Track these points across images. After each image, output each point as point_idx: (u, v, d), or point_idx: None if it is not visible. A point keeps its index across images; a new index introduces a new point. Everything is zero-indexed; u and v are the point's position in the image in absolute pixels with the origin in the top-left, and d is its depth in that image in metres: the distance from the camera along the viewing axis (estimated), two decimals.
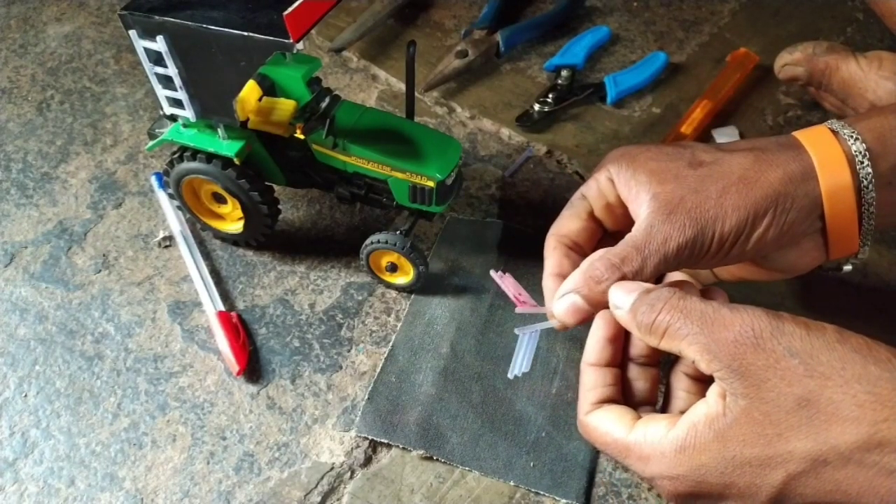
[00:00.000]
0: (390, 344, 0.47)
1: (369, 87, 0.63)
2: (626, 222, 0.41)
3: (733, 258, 0.39)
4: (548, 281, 0.42)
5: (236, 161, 0.44)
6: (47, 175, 0.56)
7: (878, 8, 0.68)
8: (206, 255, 0.51)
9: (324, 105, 0.45)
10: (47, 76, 0.63)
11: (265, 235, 0.50)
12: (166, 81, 0.42)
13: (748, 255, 0.39)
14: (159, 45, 0.39)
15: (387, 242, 0.46)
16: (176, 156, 0.46)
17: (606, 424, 0.37)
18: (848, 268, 0.42)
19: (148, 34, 0.40)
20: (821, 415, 0.31)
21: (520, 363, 0.41)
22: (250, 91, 0.43)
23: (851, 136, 0.38)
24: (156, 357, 0.46)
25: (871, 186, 0.38)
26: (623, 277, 0.37)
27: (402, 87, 0.63)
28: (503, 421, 0.43)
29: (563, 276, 0.40)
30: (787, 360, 0.31)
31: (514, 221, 0.53)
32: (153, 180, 0.55)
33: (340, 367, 0.46)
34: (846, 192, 0.38)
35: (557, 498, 0.41)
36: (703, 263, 0.39)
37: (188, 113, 0.43)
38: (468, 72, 0.64)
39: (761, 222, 0.38)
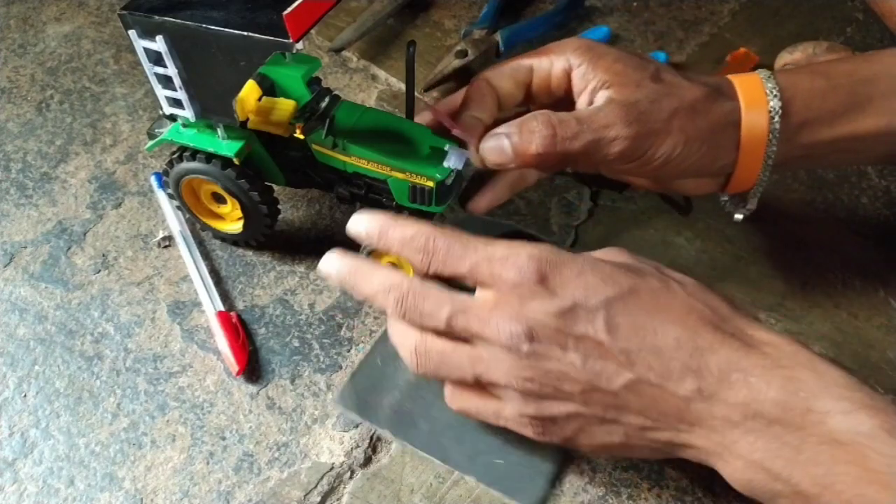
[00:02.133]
0: (383, 328, 0.47)
1: (369, 87, 0.63)
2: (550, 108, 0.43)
3: (647, 171, 0.42)
4: (471, 119, 0.43)
5: (236, 161, 0.44)
6: (47, 175, 0.56)
7: (878, 8, 0.68)
8: (206, 255, 0.51)
9: (323, 105, 0.45)
10: (47, 76, 0.63)
11: (265, 235, 0.50)
12: (166, 81, 0.42)
13: (661, 172, 0.42)
14: (159, 45, 0.39)
15: None
16: (175, 156, 0.46)
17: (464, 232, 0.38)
18: (738, 217, 0.47)
19: (147, 34, 0.39)
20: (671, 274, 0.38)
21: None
22: (250, 91, 0.43)
23: (772, 92, 0.41)
24: (155, 357, 0.46)
25: (774, 141, 0.42)
26: (553, 138, 0.39)
27: (402, 86, 0.63)
28: None
29: (483, 119, 0.43)
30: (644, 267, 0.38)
31: (513, 221, 0.53)
32: (153, 180, 0.55)
33: (340, 367, 0.46)
34: (759, 143, 0.42)
35: (512, 502, 0.41)
36: (616, 164, 0.41)
37: (188, 113, 0.43)
38: (468, 71, 0.64)
39: (691, 151, 0.41)
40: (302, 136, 0.45)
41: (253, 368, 0.46)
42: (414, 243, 0.37)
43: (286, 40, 0.36)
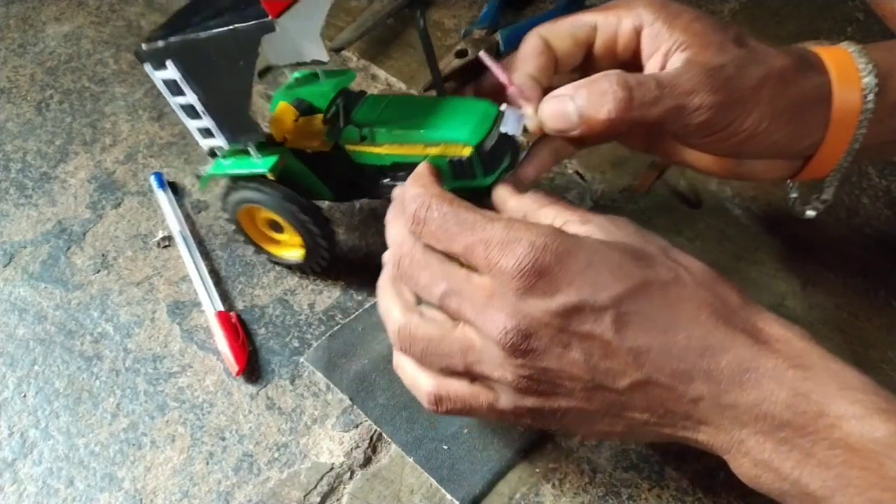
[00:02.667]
0: (374, 300, 0.47)
1: (369, 87, 0.63)
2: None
3: (725, 147, 0.38)
4: (526, 78, 0.38)
5: (270, 176, 0.43)
6: (46, 175, 0.56)
7: (879, 10, 0.68)
8: (206, 255, 0.51)
9: (339, 102, 0.44)
10: (46, 76, 0.63)
11: (326, 260, 0.48)
12: (192, 112, 0.42)
13: (741, 149, 0.38)
14: (171, 71, 0.40)
15: None
16: (226, 188, 0.46)
17: (465, 202, 0.34)
18: (811, 213, 0.44)
19: (160, 64, 0.40)
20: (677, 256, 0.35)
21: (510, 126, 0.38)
22: (284, 111, 0.43)
23: (866, 68, 0.37)
24: (155, 357, 0.46)
25: (865, 122, 0.38)
26: (628, 102, 0.34)
27: (402, 86, 0.63)
28: None
29: (540, 80, 0.38)
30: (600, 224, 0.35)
31: None
32: (152, 180, 0.55)
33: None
34: (849, 123, 0.38)
35: (444, 491, 0.41)
36: (694, 137, 0.37)
37: (220, 140, 0.43)
38: (468, 71, 0.64)
39: (778, 126, 0.36)
40: (330, 142, 0.43)
41: (252, 369, 0.46)
42: (407, 209, 0.34)
43: (267, 20, 0.36)
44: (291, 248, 0.48)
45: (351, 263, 0.51)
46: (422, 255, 0.34)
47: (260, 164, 0.43)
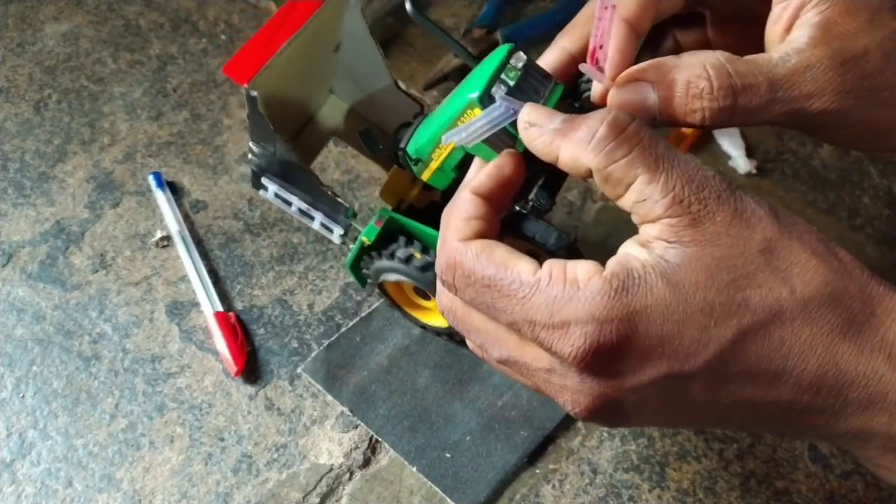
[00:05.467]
0: (371, 308, 0.47)
1: None
2: (724, 38, 0.31)
3: (848, 141, 0.31)
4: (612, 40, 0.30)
5: (367, 242, 0.41)
6: (45, 174, 0.56)
7: None
8: (204, 256, 0.51)
9: (400, 136, 0.39)
10: (45, 75, 0.63)
11: None
12: (307, 216, 0.43)
13: (871, 145, 0.31)
14: (271, 185, 0.41)
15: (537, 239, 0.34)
16: (370, 260, 0.43)
17: (502, 254, 0.28)
18: None
19: (262, 186, 0.42)
20: (781, 262, 0.26)
21: (471, 131, 0.31)
22: (396, 177, 0.42)
23: None
24: (153, 358, 0.46)
25: None
26: (730, 109, 0.28)
27: (402, 86, 0.63)
28: (436, 412, 0.44)
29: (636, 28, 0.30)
30: (757, 209, 0.27)
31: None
32: (151, 180, 0.54)
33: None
34: None
35: (450, 501, 0.41)
36: (811, 131, 0.31)
37: (336, 233, 0.43)
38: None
39: None
40: (419, 180, 0.39)
41: (251, 369, 0.46)
42: (440, 273, 0.29)
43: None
44: (440, 316, 0.44)
45: None
46: (465, 313, 0.30)
47: (363, 234, 0.41)
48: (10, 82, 0.62)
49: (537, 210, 0.33)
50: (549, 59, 0.34)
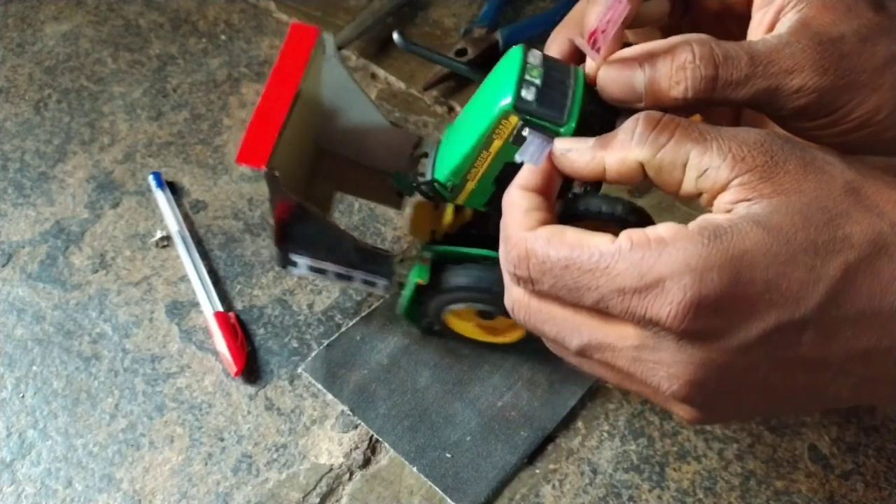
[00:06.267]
0: (372, 307, 0.48)
1: (368, 86, 0.63)
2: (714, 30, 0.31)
3: (830, 137, 0.31)
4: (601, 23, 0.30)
5: (423, 282, 0.40)
6: (44, 174, 0.56)
7: None
8: (204, 255, 0.51)
9: (429, 159, 0.39)
10: (45, 75, 0.63)
11: None
12: (345, 280, 0.43)
13: (848, 138, 0.31)
14: (301, 259, 0.42)
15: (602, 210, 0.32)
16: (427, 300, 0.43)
17: (573, 235, 0.27)
18: None
19: (291, 263, 0.43)
20: (869, 199, 0.26)
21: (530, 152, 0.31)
22: (420, 210, 0.41)
23: None
24: (153, 358, 0.46)
25: None
26: (712, 81, 0.29)
27: (401, 85, 0.63)
28: (436, 412, 0.44)
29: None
30: (825, 155, 0.27)
31: None
32: (151, 180, 0.54)
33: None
34: None
35: (450, 501, 0.41)
36: (791, 121, 0.31)
37: (381, 282, 0.43)
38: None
39: None
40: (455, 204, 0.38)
41: (251, 369, 0.46)
42: (506, 268, 0.29)
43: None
44: (509, 331, 0.45)
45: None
46: (540, 305, 0.29)
47: (413, 276, 0.40)
48: (10, 82, 0.62)
49: (594, 186, 0.33)
50: (554, 51, 0.35)
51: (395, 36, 0.39)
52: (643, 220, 0.32)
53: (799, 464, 0.43)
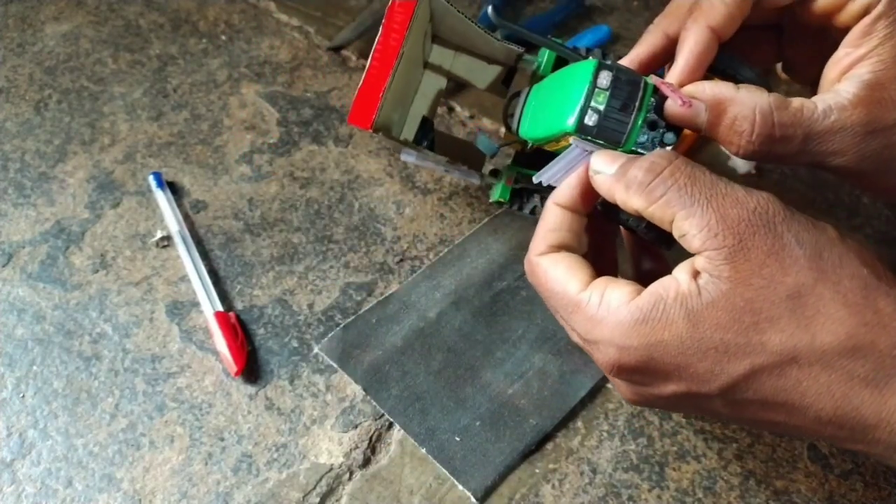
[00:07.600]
0: (390, 291, 0.49)
1: None
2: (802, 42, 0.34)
3: (879, 191, 0.34)
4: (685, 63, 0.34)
5: (502, 200, 0.47)
6: (45, 175, 0.56)
7: None
8: (204, 255, 0.51)
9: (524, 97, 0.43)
10: (45, 75, 0.63)
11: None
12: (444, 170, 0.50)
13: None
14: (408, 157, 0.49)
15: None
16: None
17: (559, 272, 0.33)
18: None
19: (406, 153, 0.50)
20: (807, 310, 0.28)
21: (553, 172, 0.36)
22: None
23: None
24: (153, 357, 0.46)
25: None
26: (764, 153, 0.31)
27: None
28: (447, 396, 0.44)
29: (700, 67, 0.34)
30: (794, 250, 0.28)
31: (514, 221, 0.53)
32: (151, 180, 0.54)
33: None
34: None
35: (457, 483, 0.41)
36: (841, 176, 0.34)
37: (473, 180, 0.50)
38: None
39: None
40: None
41: (251, 369, 0.46)
42: (525, 268, 0.36)
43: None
44: None
45: (348, 264, 0.51)
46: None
47: (496, 195, 0.48)
48: (10, 82, 0.62)
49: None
50: (651, 42, 0.37)
51: (490, 10, 0.40)
52: (661, 235, 0.33)
53: (798, 463, 0.43)
